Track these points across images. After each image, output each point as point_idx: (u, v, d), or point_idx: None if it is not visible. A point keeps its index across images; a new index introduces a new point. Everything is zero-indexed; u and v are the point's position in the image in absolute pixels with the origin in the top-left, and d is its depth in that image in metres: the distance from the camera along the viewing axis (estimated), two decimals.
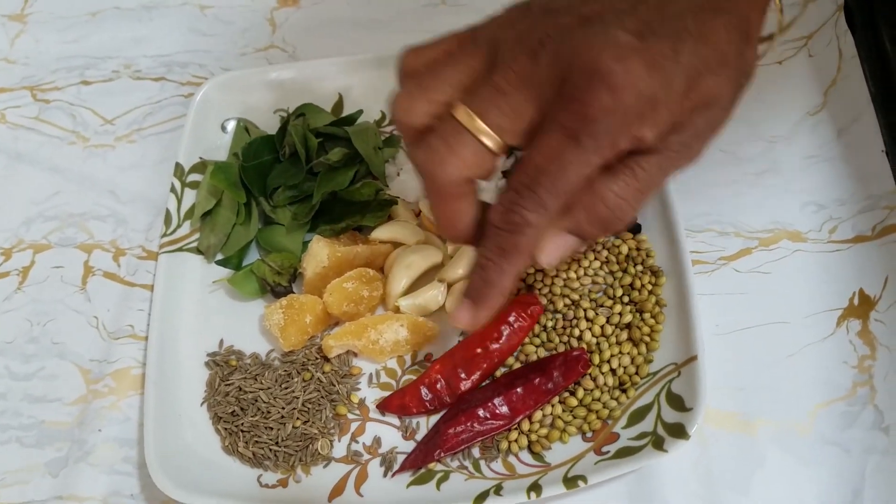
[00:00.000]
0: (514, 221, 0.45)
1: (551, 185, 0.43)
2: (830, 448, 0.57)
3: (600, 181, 0.45)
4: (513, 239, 0.46)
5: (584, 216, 0.46)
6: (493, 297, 0.49)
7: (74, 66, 0.82)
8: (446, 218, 0.48)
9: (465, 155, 0.44)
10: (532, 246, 0.46)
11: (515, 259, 0.47)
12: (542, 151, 0.43)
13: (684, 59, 0.41)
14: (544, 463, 0.57)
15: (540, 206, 0.44)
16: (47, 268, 0.70)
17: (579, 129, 0.41)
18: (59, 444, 0.62)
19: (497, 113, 0.43)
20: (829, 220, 0.66)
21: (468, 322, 0.50)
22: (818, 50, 0.75)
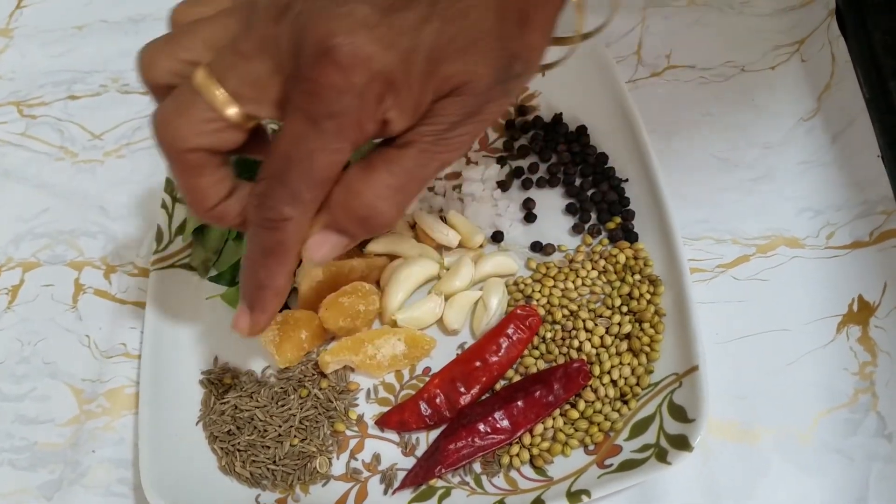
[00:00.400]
0: (269, 217, 0.42)
1: (301, 175, 0.40)
2: (833, 456, 0.57)
3: (355, 176, 0.42)
4: (272, 236, 0.43)
5: (342, 213, 0.43)
6: (268, 298, 0.47)
7: (61, 81, 0.81)
8: (187, 193, 0.44)
9: (195, 121, 0.41)
10: (295, 241, 0.44)
11: (280, 257, 0.44)
12: (286, 136, 0.40)
13: (426, 37, 0.38)
14: (547, 477, 0.56)
15: (293, 198, 0.41)
16: (37, 286, 0.69)
17: (315, 110, 0.39)
18: (53, 465, 0.61)
19: (236, 79, 0.40)
20: (826, 225, 0.66)
21: (247, 328, 0.48)
22: (811, 55, 0.74)
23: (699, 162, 0.70)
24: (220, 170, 0.44)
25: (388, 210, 0.43)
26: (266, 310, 0.47)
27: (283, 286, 0.46)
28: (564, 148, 0.70)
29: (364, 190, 0.42)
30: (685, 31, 0.78)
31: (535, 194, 0.69)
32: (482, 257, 0.66)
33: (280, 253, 0.44)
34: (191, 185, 0.44)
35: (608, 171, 0.68)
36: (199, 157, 0.42)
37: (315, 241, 0.44)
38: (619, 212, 0.66)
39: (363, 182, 0.42)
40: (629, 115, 0.67)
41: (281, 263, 0.44)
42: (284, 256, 0.44)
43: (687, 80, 0.75)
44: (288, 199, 0.41)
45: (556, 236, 0.67)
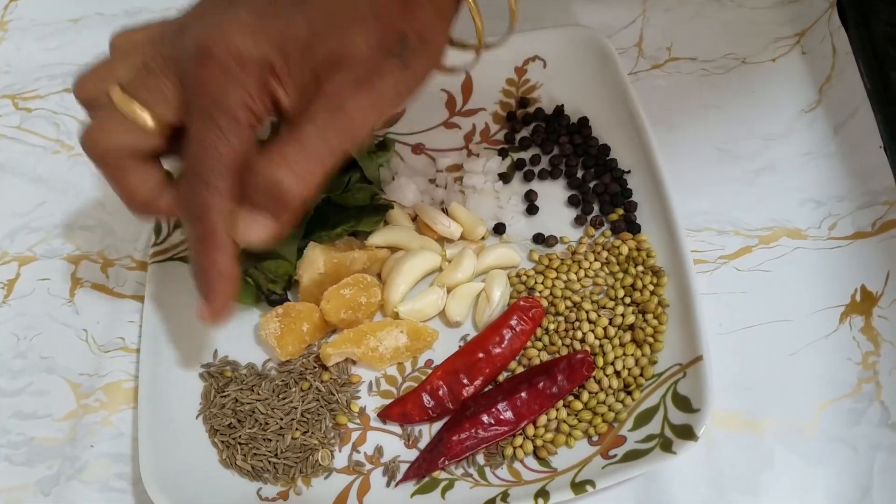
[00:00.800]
0: (193, 208, 0.46)
1: (211, 166, 0.45)
2: (837, 446, 0.57)
3: (257, 157, 0.46)
4: (201, 225, 0.47)
5: (252, 190, 0.46)
6: (218, 283, 0.49)
7: (57, 74, 0.80)
8: (118, 192, 0.50)
9: (112, 128, 0.46)
10: (221, 227, 0.47)
11: (213, 243, 0.47)
12: (193, 135, 0.45)
13: (300, 25, 0.43)
14: (551, 468, 0.56)
15: (210, 187, 0.45)
16: (33, 280, 0.68)
17: (206, 105, 0.44)
18: (51, 461, 0.60)
19: (143, 91, 0.46)
20: (829, 216, 0.66)
21: (208, 315, 0.51)
22: (811, 46, 0.74)
23: (701, 153, 0.70)
24: (144, 169, 0.49)
25: (288, 179, 0.45)
26: (217, 294, 0.50)
27: (227, 271, 0.49)
28: (566, 140, 0.70)
29: (264, 167, 0.45)
30: (686, 23, 0.78)
31: (537, 186, 0.69)
32: (484, 249, 0.65)
33: (211, 239, 0.47)
34: (119, 185, 0.49)
35: (610, 162, 0.68)
36: (120, 159, 0.48)
37: (243, 223, 0.47)
38: (621, 203, 0.66)
39: (264, 159, 0.45)
40: (631, 106, 0.67)
41: (215, 249, 0.47)
42: (216, 242, 0.47)
43: (688, 73, 0.75)
44: (204, 190, 0.45)
45: (559, 228, 0.67)
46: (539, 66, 0.73)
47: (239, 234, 0.48)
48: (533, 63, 0.73)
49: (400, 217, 0.67)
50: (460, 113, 0.73)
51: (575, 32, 0.72)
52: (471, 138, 0.72)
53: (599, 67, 0.70)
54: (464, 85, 0.73)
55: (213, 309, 0.51)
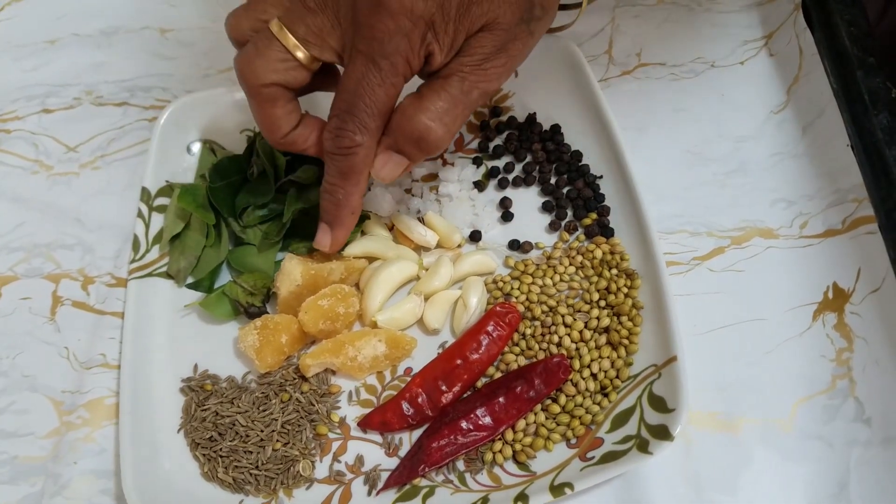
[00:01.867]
0: (343, 146, 0.53)
1: (366, 107, 0.51)
2: (814, 442, 0.57)
3: (409, 104, 0.53)
4: (347, 161, 0.54)
5: (400, 135, 0.53)
6: (345, 216, 0.58)
7: (35, 95, 0.81)
8: (261, 121, 0.56)
9: (271, 58, 0.52)
10: (366, 164, 0.54)
11: (354, 178, 0.55)
12: (351, 77, 0.51)
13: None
14: (530, 472, 0.56)
15: (362, 126, 0.52)
16: (14, 300, 0.68)
17: (373, 51, 0.49)
18: (34, 479, 0.60)
19: (303, 27, 0.51)
20: (799, 215, 0.67)
21: (329, 243, 0.59)
22: (779, 49, 0.76)
23: (672, 157, 0.71)
24: (290, 103, 0.55)
25: (437, 129, 0.52)
26: (344, 225, 0.59)
27: (357, 205, 0.57)
28: (539, 147, 0.71)
29: (416, 114, 0.52)
30: (655, 29, 0.79)
31: (511, 193, 0.70)
32: (461, 257, 0.66)
33: (354, 174, 0.54)
34: (267, 116, 0.55)
35: (583, 168, 0.69)
36: (274, 91, 0.54)
37: (380, 160, 0.54)
38: (594, 208, 0.67)
39: (415, 108, 0.52)
40: (602, 113, 0.68)
41: (355, 184, 0.55)
42: (358, 177, 0.55)
43: (658, 77, 0.76)
44: (358, 129, 0.52)
45: (534, 234, 0.68)
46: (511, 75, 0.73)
47: (376, 170, 0.55)
48: None
49: (376, 227, 0.67)
50: None
51: (545, 41, 0.72)
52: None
53: (570, 75, 0.71)
54: None
55: (337, 237, 0.59)
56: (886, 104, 0.66)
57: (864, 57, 0.69)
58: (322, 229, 0.59)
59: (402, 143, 0.53)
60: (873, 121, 0.65)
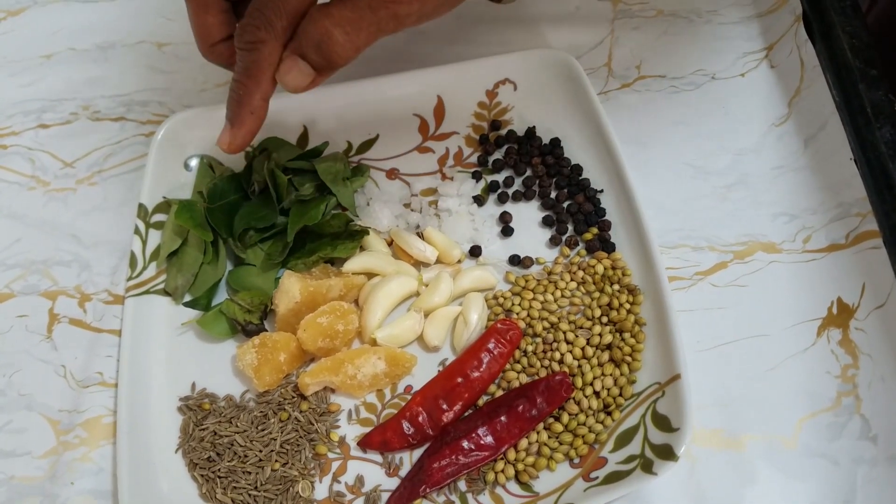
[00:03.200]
0: (248, 40, 0.52)
1: (275, 6, 0.51)
2: (819, 461, 0.57)
3: (316, 9, 0.52)
4: (251, 56, 0.53)
5: (304, 38, 0.52)
6: (245, 115, 0.56)
7: (31, 110, 0.80)
8: (194, 27, 0.57)
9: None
10: (269, 63, 0.53)
11: (256, 75, 0.54)
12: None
13: None
14: (533, 492, 0.56)
15: (267, 23, 0.51)
16: (11, 317, 0.68)
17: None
18: (31, 499, 0.59)
19: None
20: (802, 229, 0.66)
21: (227, 141, 0.58)
22: (779, 60, 0.75)
23: (673, 170, 0.70)
24: (224, 14, 0.56)
25: (338, 36, 0.52)
26: (244, 125, 0.57)
27: (258, 106, 0.56)
28: (539, 161, 0.70)
29: (320, 18, 0.51)
30: (654, 41, 0.78)
31: (511, 208, 0.69)
32: (460, 272, 0.65)
33: (256, 71, 0.53)
34: (199, 22, 0.56)
35: (583, 182, 0.68)
36: None
37: (285, 64, 0.53)
38: (595, 222, 0.66)
39: (321, 13, 0.51)
40: (601, 126, 0.68)
41: (256, 82, 0.54)
42: (259, 74, 0.53)
43: (658, 90, 0.75)
44: (263, 25, 0.51)
45: (534, 249, 0.67)
46: (510, 89, 0.73)
47: (280, 75, 0.54)
48: (504, 86, 0.73)
49: (375, 243, 0.67)
50: (433, 137, 0.73)
51: (544, 54, 0.72)
52: (444, 162, 0.72)
53: (569, 88, 0.71)
54: (436, 109, 0.73)
55: (235, 136, 0.57)
56: (889, 117, 0.65)
57: (867, 69, 0.68)
58: (224, 128, 0.58)
59: (305, 47, 0.53)
60: (876, 134, 0.65)
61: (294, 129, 0.73)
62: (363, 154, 0.73)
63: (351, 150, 0.73)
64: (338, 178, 0.68)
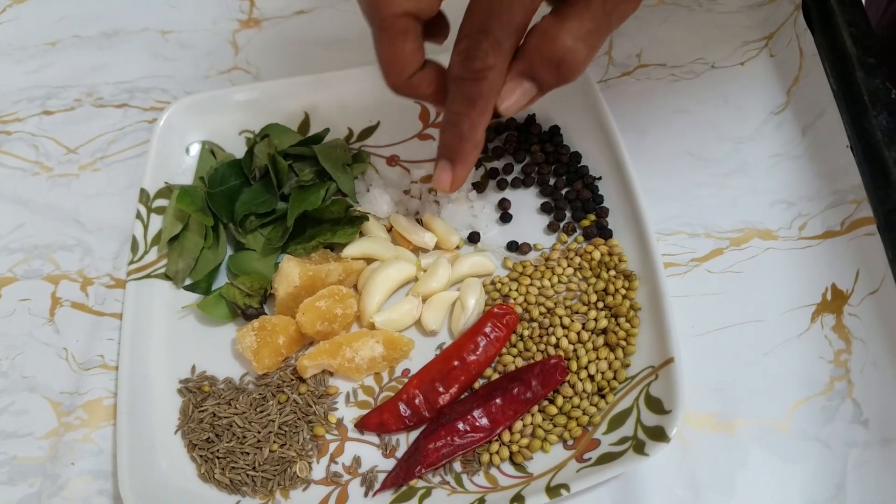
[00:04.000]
0: (474, 68, 0.47)
1: (502, 25, 0.46)
2: (811, 444, 0.57)
3: (550, 24, 0.47)
4: (477, 86, 0.48)
5: (538, 57, 0.48)
6: (469, 151, 0.52)
7: (35, 97, 0.81)
8: (389, 57, 0.50)
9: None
10: (495, 91, 0.49)
11: (482, 106, 0.49)
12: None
13: None
14: (526, 473, 0.56)
15: (496, 45, 0.47)
16: (14, 301, 0.69)
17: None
18: (32, 479, 0.60)
19: None
20: (799, 216, 0.66)
21: (449, 181, 0.54)
22: (779, 50, 0.75)
23: (672, 158, 0.71)
24: (419, 39, 0.50)
25: (581, 50, 0.47)
26: (467, 162, 0.53)
27: (481, 139, 0.52)
28: (538, 148, 0.71)
29: (560, 34, 0.47)
30: (655, 30, 0.79)
31: (510, 194, 0.70)
32: (459, 258, 0.66)
33: (483, 100, 0.49)
34: (395, 52, 0.49)
35: (582, 169, 0.69)
36: (406, 22, 0.48)
37: (508, 88, 0.49)
38: (593, 209, 0.67)
39: (559, 28, 0.47)
40: (601, 114, 0.68)
41: (482, 113, 0.50)
42: (485, 105, 0.49)
43: (658, 79, 0.76)
44: (492, 49, 0.47)
45: (532, 235, 0.68)
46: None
47: (502, 98, 0.49)
48: None
49: (375, 228, 0.67)
50: (434, 124, 0.74)
51: None
52: None
53: None
54: None
55: (458, 175, 0.53)
56: (886, 105, 0.66)
57: (865, 57, 0.68)
58: (442, 167, 0.54)
59: (538, 68, 0.48)
60: (873, 122, 0.65)
61: (296, 116, 0.74)
62: (364, 141, 0.74)
63: (352, 136, 0.74)
64: (338, 165, 0.69)
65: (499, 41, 0.47)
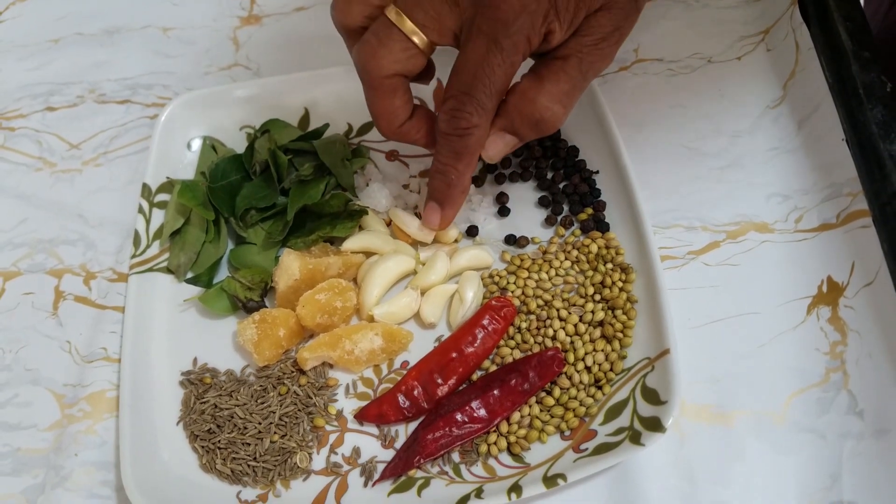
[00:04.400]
0: (460, 126, 0.52)
1: (485, 87, 0.50)
2: (807, 435, 0.58)
3: (528, 86, 0.52)
4: (462, 142, 0.53)
5: (518, 116, 0.53)
6: (457, 195, 0.59)
7: (39, 93, 0.82)
8: (379, 111, 0.55)
9: (393, 48, 0.51)
10: (479, 144, 0.54)
11: (467, 159, 0.55)
12: (469, 57, 0.50)
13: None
14: (524, 463, 0.57)
15: (479, 107, 0.51)
16: (18, 294, 0.69)
17: (497, 31, 0.48)
18: (36, 470, 0.61)
19: (421, 13, 0.50)
20: (795, 209, 0.67)
21: (438, 222, 0.61)
22: (775, 44, 0.76)
23: (669, 152, 0.71)
24: (407, 93, 0.55)
25: (558, 112, 0.53)
26: (455, 204, 0.60)
27: (468, 184, 0.58)
28: (536, 142, 0.71)
29: (538, 97, 0.52)
30: (653, 24, 0.79)
31: (508, 188, 0.70)
32: (457, 251, 0.66)
33: (468, 155, 0.55)
34: (385, 107, 0.55)
35: (579, 163, 0.69)
36: (395, 82, 0.53)
37: (492, 140, 0.55)
38: (590, 203, 0.67)
39: (536, 90, 0.52)
40: (599, 108, 0.69)
41: (468, 164, 0.56)
42: (471, 157, 0.55)
43: (655, 73, 0.76)
44: (475, 110, 0.52)
45: (530, 229, 0.68)
46: None
47: (489, 152, 0.56)
48: None
49: (374, 222, 0.68)
50: None
51: None
52: None
53: None
54: (435, 93, 0.74)
55: (446, 216, 0.60)
56: (881, 98, 0.66)
57: (860, 51, 0.69)
58: (431, 208, 0.60)
59: (518, 125, 0.54)
60: (868, 115, 0.65)
61: (296, 111, 0.75)
62: (363, 136, 0.74)
63: (351, 131, 0.75)
64: (338, 159, 0.70)
65: (482, 103, 0.51)
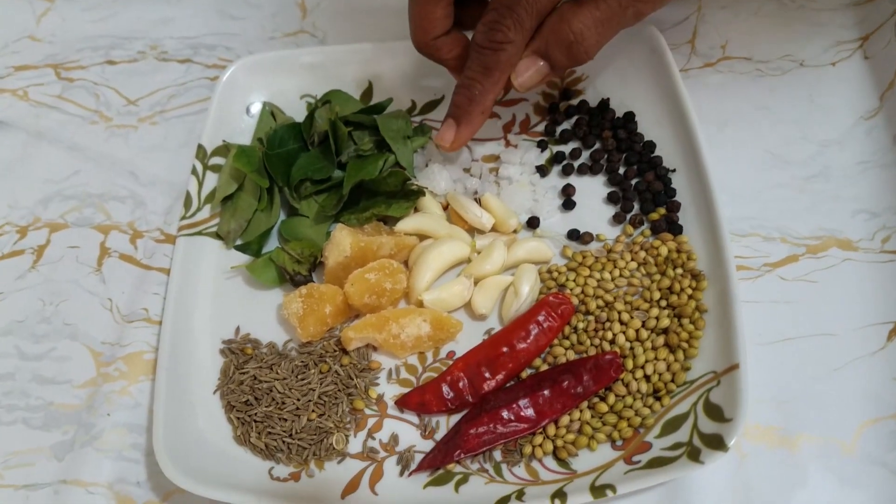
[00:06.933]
0: (496, 39, 0.53)
1: (527, 4, 0.51)
2: (876, 469, 0.54)
3: (567, 8, 0.52)
4: (495, 56, 0.53)
5: (552, 38, 0.53)
6: (475, 114, 0.57)
7: (100, 46, 0.80)
8: (419, 15, 0.56)
9: None
10: (511, 63, 0.54)
11: (496, 76, 0.55)
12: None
13: None
14: (570, 470, 0.54)
15: (518, 23, 0.52)
16: (63, 247, 0.68)
17: None
18: (67, 426, 0.60)
19: None
20: (882, 228, 0.63)
21: (451, 138, 0.59)
22: (875, 52, 0.71)
23: (751, 156, 0.67)
24: (450, 6, 0.56)
25: (590, 37, 0.53)
26: (472, 123, 0.58)
27: (489, 105, 0.57)
28: (609, 134, 0.67)
29: (573, 18, 0.52)
30: (743, 21, 0.75)
31: (575, 181, 0.67)
32: (515, 242, 0.63)
33: (497, 71, 0.54)
34: (425, 12, 0.56)
35: (655, 160, 0.66)
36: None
37: (524, 64, 0.55)
38: (663, 202, 0.63)
39: (573, 13, 0.52)
40: (680, 103, 0.65)
41: (495, 82, 0.55)
42: (500, 74, 0.55)
43: (742, 72, 0.72)
44: (514, 24, 0.52)
45: (595, 225, 0.65)
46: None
47: (517, 73, 0.55)
48: None
49: (431, 205, 0.65)
50: (501, 102, 0.71)
51: None
52: (510, 128, 0.70)
53: (650, 62, 0.68)
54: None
55: (461, 135, 0.59)
56: None
57: None
58: (447, 124, 0.59)
59: (551, 48, 0.53)
60: None
61: (359, 83, 0.72)
62: (427, 114, 0.71)
63: (415, 109, 0.72)
64: (398, 136, 0.67)
65: (521, 19, 0.52)
